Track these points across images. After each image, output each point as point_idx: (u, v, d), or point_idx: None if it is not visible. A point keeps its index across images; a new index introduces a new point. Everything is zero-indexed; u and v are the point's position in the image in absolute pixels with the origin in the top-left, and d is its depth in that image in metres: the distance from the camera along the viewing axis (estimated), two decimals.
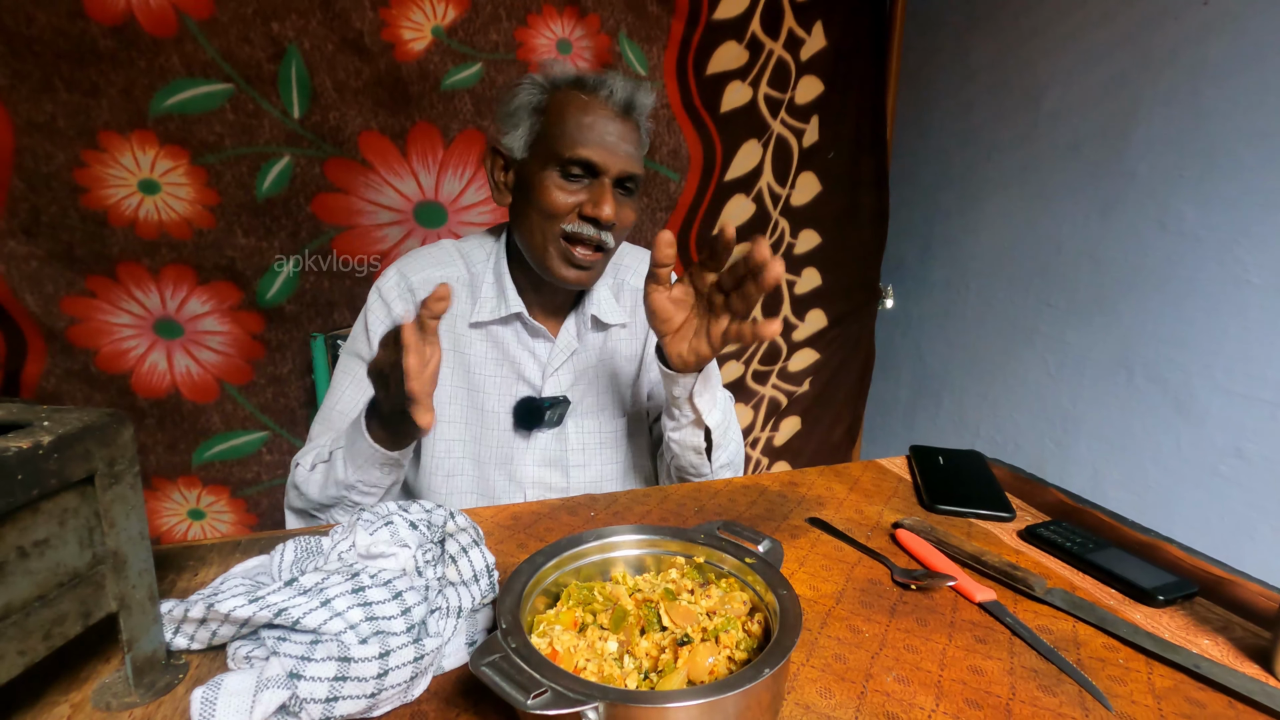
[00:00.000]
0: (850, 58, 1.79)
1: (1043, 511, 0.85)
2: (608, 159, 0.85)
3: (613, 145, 0.85)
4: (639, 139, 0.89)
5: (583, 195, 0.86)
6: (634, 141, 0.88)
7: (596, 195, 0.85)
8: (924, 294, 2.03)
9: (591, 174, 0.86)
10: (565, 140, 0.85)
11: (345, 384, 0.94)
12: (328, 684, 0.43)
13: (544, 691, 0.39)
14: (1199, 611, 0.64)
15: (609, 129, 0.85)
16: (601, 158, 0.85)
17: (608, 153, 0.85)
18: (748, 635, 0.50)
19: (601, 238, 0.87)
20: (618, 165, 0.85)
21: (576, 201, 0.86)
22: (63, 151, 1.20)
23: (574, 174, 0.86)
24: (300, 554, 0.59)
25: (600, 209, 0.84)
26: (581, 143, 0.84)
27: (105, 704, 0.46)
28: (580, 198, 0.86)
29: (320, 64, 1.32)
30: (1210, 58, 1.27)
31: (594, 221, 0.86)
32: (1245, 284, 1.23)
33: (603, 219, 0.85)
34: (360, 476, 0.79)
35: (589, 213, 0.85)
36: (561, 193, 0.86)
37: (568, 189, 0.86)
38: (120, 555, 0.44)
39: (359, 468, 0.79)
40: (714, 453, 0.90)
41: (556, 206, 0.86)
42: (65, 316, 1.27)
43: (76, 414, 0.43)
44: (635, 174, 0.88)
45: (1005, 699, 0.51)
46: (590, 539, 0.57)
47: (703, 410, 0.85)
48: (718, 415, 0.87)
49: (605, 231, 0.87)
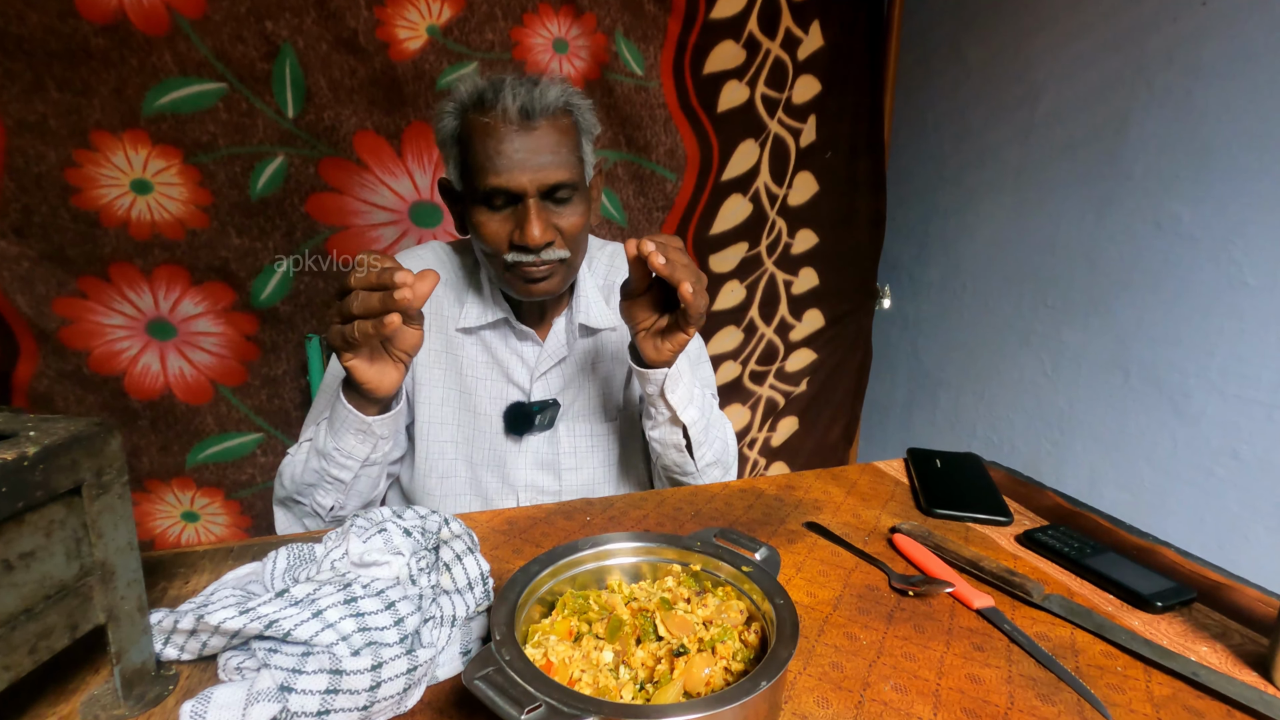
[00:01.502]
0: (848, 57, 1.79)
1: (1040, 515, 0.85)
2: (520, 180, 0.81)
3: (522, 162, 0.81)
4: (559, 140, 0.83)
5: (511, 222, 0.84)
6: (550, 148, 0.82)
7: (521, 219, 0.83)
8: (921, 294, 2.03)
9: (513, 199, 0.83)
10: (479, 171, 0.82)
11: (336, 385, 0.93)
12: (319, 697, 0.42)
13: (538, 706, 0.38)
14: (1197, 617, 0.64)
15: (514, 146, 0.80)
16: (513, 182, 0.81)
17: (518, 173, 0.81)
18: (744, 645, 0.50)
19: (543, 258, 0.84)
20: (534, 182, 0.81)
21: (508, 230, 0.84)
22: (54, 151, 1.19)
23: (497, 204, 0.83)
24: (293, 561, 0.59)
25: (527, 234, 0.82)
26: (491, 170, 0.81)
27: (94, 716, 0.45)
28: (509, 225, 0.84)
29: (314, 63, 1.31)
30: (1206, 59, 1.27)
31: (526, 248, 0.83)
32: (1241, 285, 1.23)
33: (531, 244, 0.82)
34: (337, 444, 0.80)
35: (518, 240, 0.83)
36: (490, 224, 0.84)
37: (495, 219, 0.84)
38: (108, 566, 0.44)
39: (336, 433, 0.80)
40: (696, 450, 0.90)
41: (490, 241, 0.85)
42: (57, 318, 1.26)
43: (63, 423, 0.43)
44: (561, 181, 0.83)
45: (1003, 708, 0.51)
46: (585, 546, 0.56)
47: (676, 406, 0.85)
48: (694, 412, 0.87)
49: (545, 251, 0.84)
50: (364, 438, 0.80)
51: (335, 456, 0.81)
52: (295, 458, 0.86)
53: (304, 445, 0.87)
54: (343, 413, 0.78)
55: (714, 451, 0.93)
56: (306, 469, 0.83)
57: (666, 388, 0.83)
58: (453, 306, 0.97)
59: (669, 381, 0.83)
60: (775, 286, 1.89)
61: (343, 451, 0.80)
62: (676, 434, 0.88)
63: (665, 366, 0.83)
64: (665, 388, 0.83)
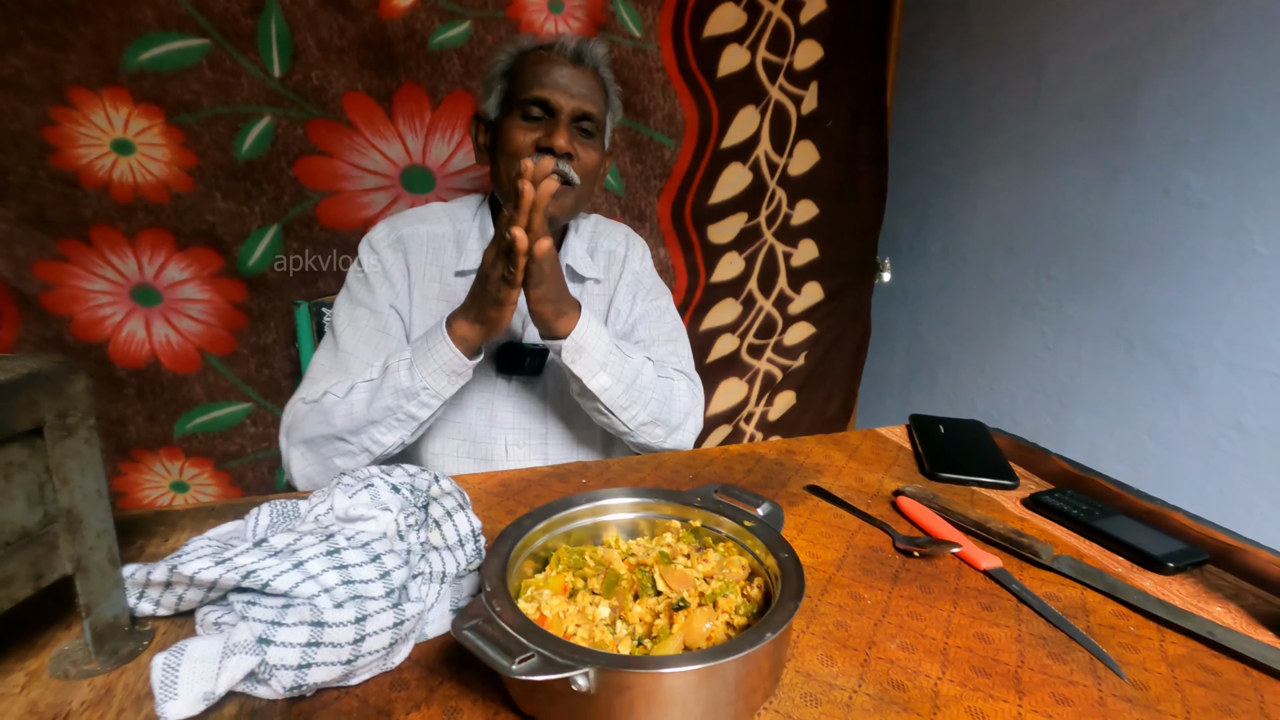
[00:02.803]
0: (851, 23, 1.74)
1: (1046, 480, 0.83)
2: (559, 98, 0.92)
3: (565, 86, 0.92)
4: (596, 87, 0.96)
5: (539, 131, 0.92)
6: (588, 86, 0.94)
7: (550, 129, 0.91)
8: (921, 267, 2.00)
9: (548, 112, 0.92)
10: (525, 86, 0.93)
11: (345, 327, 0.94)
12: (300, 650, 0.40)
13: (530, 656, 0.36)
14: (1209, 579, 0.62)
15: (562, 73, 0.92)
16: (554, 97, 0.91)
17: (559, 91, 0.92)
18: (747, 600, 0.48)
19: (561, 167, 0.90)
20: (570, 104, 0.92)
21: (535, 138, 0.92)
22: (30, 108, 1.15)
23: (533, 115, 0.92)
24: (276, 518, 0.57)
25: (554, 139, 0.90)
26: (537, 85, 0.92)
27: (63, 672, 0.43)
28: (538, 134, 0.92)
29: (301, 20, 1.26)
30: (1219, 22, 1.23)
31: (550, 151, 0.91)
32: (1251, 253, 1.21)
33: (556, 148, 0.90)
34: (427, 382, 0.82)
35: (544, 143, 0.91)
36: (520, 131, 0.92)
37: (526, 128, 0.92)
38: (75, 514, 0.41)
39: (431, 373, 0.82)
40: (620, 413, 0.91)
41: (516, 144, 0.92)
42: (38, 282, 1.23)
43: (23, 361, 0.40)
44: (590, 113, 0.94)
45: (1014, 666, 0.49)
46: (581, 502, 0.54)
47: (581, 375, 0.86)
48: (604, 379, 0.88)
49: (562, 161, 0.91)
50: (456, 378, 0.84)
51: (422, 395, 0.83)
52: (350, 398, 0.85)
53: (357, 386, 0.85)
54: (445, 354, 0.82)
55: (648, 411, 0.93)
56: (374, 408, 0.83)
57: (565, 357, 0.85)
58: (451, 254, 1.00)
59: (566, 352, 0.85)
60: (774, 259, 1.86)
61: (430, 390, 0.83)
62: (592, 400, 0.90)
63: (561, 336, 0.84)
64: (564, 357, 0.85)
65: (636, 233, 1.16)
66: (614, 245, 1.10)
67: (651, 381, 0.94)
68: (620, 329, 1.08)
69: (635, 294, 1.09)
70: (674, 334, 1.11)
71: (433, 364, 0.82)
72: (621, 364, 0.89)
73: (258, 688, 0.41)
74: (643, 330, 1.08)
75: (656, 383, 0.95)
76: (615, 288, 1.08)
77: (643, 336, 1.07)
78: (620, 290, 1.08)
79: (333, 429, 0.85)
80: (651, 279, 1.13)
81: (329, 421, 0.85)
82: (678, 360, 1.07)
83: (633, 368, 0.91)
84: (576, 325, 0.84)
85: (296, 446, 0.88)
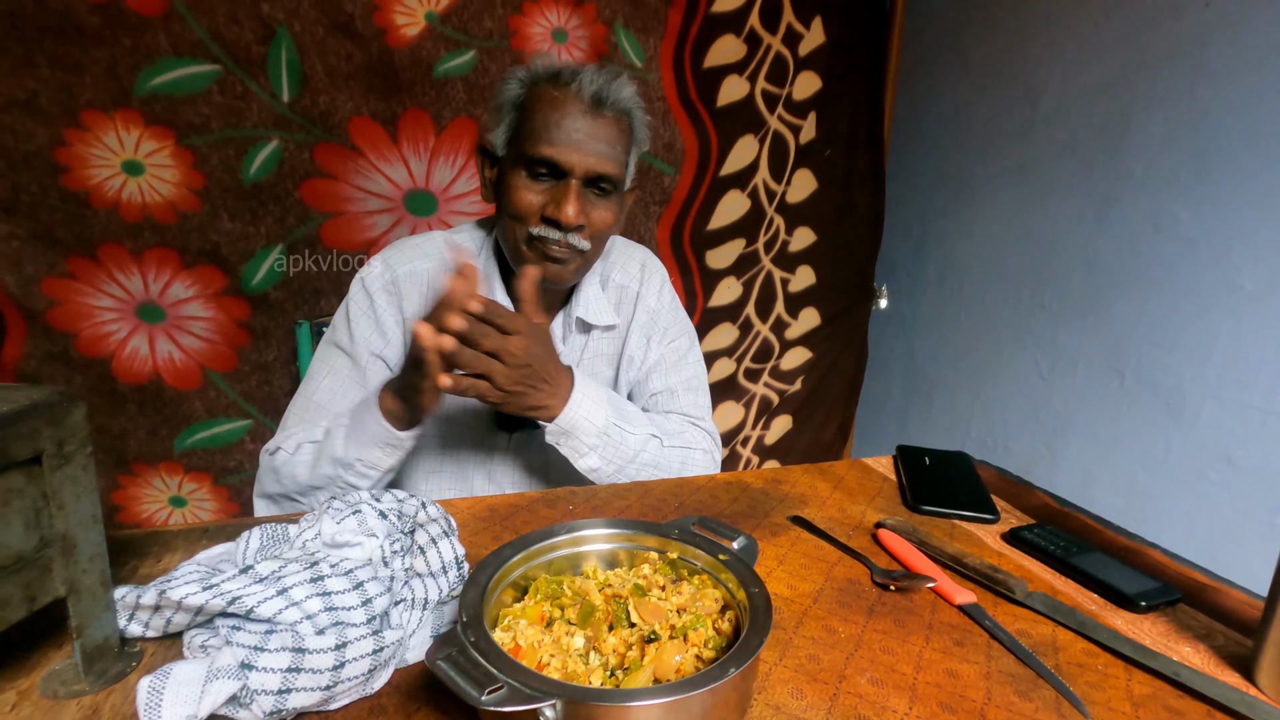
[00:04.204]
0: (849, 54, 1.78)
1: (1028, 514, 0.84)
2: (571, 158, 0.80)
3: (579, 143, 0.80)
4: (616, 136, 0.84)
5: (547, 196, 0.82)
6: (608, 139, 0.82)
7: (559, 196, 0.81)
8: (917, 293, 2.02)
9: (557, 174, 0.82)
10: (532, 138, 0.81)
11: (323, 374, 0.91)
12: (280, 675, 0.42)
13: (500, 688, 0.37)
14: (1181, 618, 0.63)
15: (577, 125, 0.80)
16: (565, 157, 0.80)
17: (572, 151, 0.80)
18: (717, 634, 0.49)
19: (569, 241, 0.83)
20: (584, 165, 0.81)
21: (542, 203, 0.82)
22: (44, 129, 1.18)
23: (540, 174, 0.82)
24: (266, 541, 0.58)
25: (562, 210, 0.80)
26: (546, 140, 0.80)
27: (53, 692, 0.45)
28: (545, 199, 0.82)
29: (310, 47, 1.30)
30: (1209, 59, 1.26)
31: (556, 224, 0.82)
32: (1238, 288, 1.22)
33: (563, 221, 0.81)
34: (361, 454, 0.78)
35: (550, 214, 0.82)
36: (527, 193, 0.82)
37: (533, 189, 0.82)
38: (70, 539, 0.43)
39: (362, 445, 0.78)
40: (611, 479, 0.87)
41: (521, 208, 0.83)
42: (45, 298, 1.26)
43: (25, 391, 0.42)
44: (607, 174, 0.83)
45: (980, 703, 0.50)
46: (561, 532, 0.55)
47: (568, 456, 0.84)
48: (593, 460, 0.84)
49: (572, 234, 0.83)
50: (391, 450, 0.79)
51: (357, 467, 0.79)
52: (295, 459, 0.83)
53: (305, 447, 0.83)
54: (375, 428, 0.77)
55: (644, 476, 0.89)
56: (315, 474, 0.81)
57: (549, 438, 0.82)
58: None
59: (550, 435, 0.82)
60: (772, 284, 1.88)
61: (365, 462, 0.79)
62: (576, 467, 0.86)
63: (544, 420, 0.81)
64: (548, 438, 0.82)
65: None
66: (627, 279, 1.00)
67: (654, 458, 0.89)
68: (634, 376, 1.02)
69: (650, 336, 1.01)
70: (693, 382, 1.04)
71: (364, 436, 0.78)
72: (618, 444, 0.84)
73: (239, 712, 0.42)
74: (658, 380, 1.01)
75: (662, 455, 0.90)
76: (628, 331, 0.99)
77: (658, 387, 1.01)
78: (633, 334, 0.99)
79: (282, 488, 0.84)
80: (670, 316, 1.03)
81: (279, 480, 0.84)
82: (698, 412, 1.01)
83: (631, 447, 0.85)
84: (564, 409, 0.80)
85: (259, 499, 0.87)
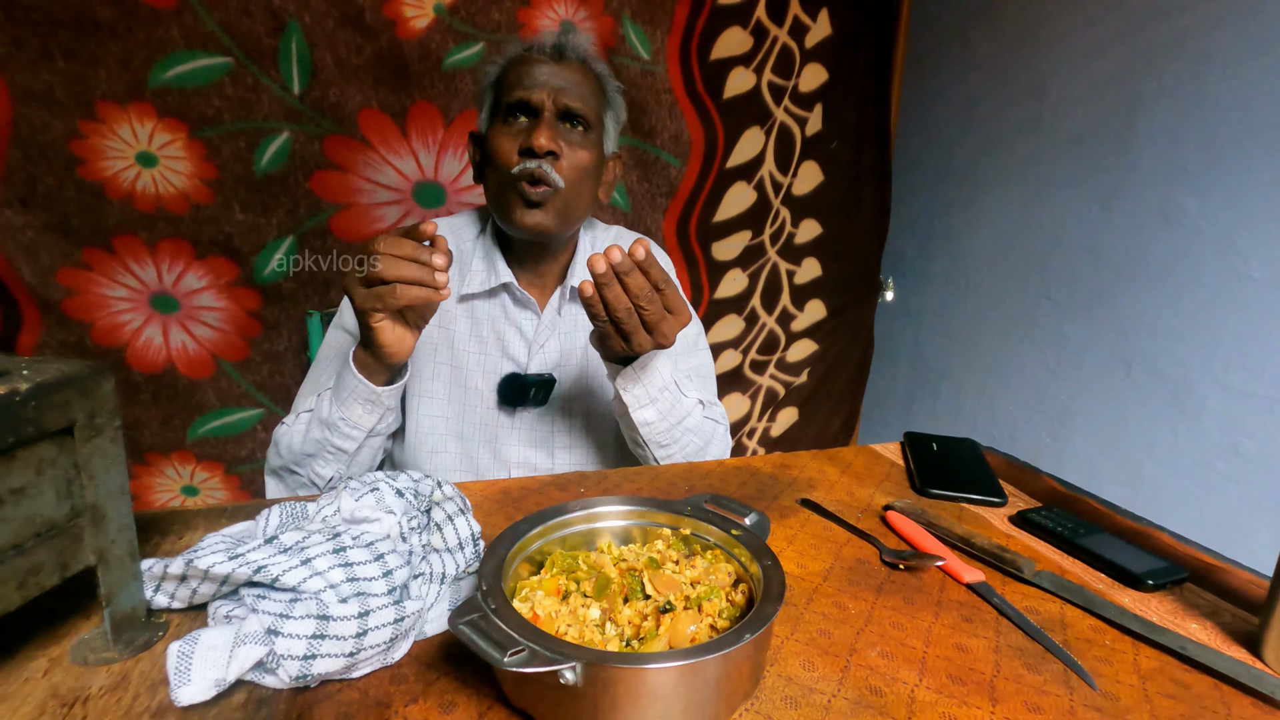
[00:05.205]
0: (855, 46, 1.78)
1: (1035, 499, 0.85)
2: (540, 95, 0.87)
3: (544, 81, 0.87)
4: (582, 79, 0.90)
5: (523, 137, 0.87)
6: (571, 80, 0.89)
7: (532, 128, 0.86)
8: (923, 286, 2.03)
9: (531, 114, 0.88)
10: (505, 92, 0.89)
11: (330, 357, 0.94)
12: (305, 641, 0.43)
13: (521, 650, 0.38)
14: (1188, 597, 0.64)
15: (541, 70, 0.88)
16: (533, 95, 0.87)
17: (539, 89, 0.87)
18: (731, 605, 0.50)
19: (543, 169, 0.85)
20: (551, 96, 0.87)
21: (518, 144, 0.87)
22: (60, 121, 1.20)
23: (516, 120, 0.88)
24: (285, 519, 0.59)
25: (534, 138, 0.84)
26: (518, 87, 0.88)
27: (83, 659, 0.46)
28: (521, 139, 0.87)
29: (321, 39, 1.31)
30: (1215, 50, 1.26)
31: (530, 153, 0.85)
32: (1246, 278, 1.22)
33: (536, 147, 0.84)
34: (343, 413, 0.80)
35: (524, 145, 0.86)
36: (504, 138, 0.88)
37: (509, 133, 0.88)
38: (99, 509, 0.44)
39: (343, 403, 0.80)
40: (655, 449, 0.88)
41: (501, 154, 0.88)
42: (61, 288, 1.27)
43: (57, 364, 0.43)
44: (575, 109, 0.88)
45: (989, 676, 0.51)
46: (576, 508, 0.56)
47: (629, 404, 0.83)
48: (650, 412, 0.84)
49: (544, 160, 0.86)
50: (371, 407, 0.80)
51: (340, 426, 0.80)
52: (293, 428, 0.86)
53: (302, 415, 0.86)
54: (351, 382, 0.78)
55: (684, 454, 0.90)
56: (307, 439, 0.83)
57: (622, 385, 0.82)
58: (453, 279, 0.96)
59: (622, 379, 0.82)
60: (778, 276, 1.89)
61: (348, 421, 0.80)
62: (632, 429, 0.86)
63: (622, 361, 0.81)
64: (618, 383, 0.82)
65: None
66: None
67: (697, 424, 0.90)
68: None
69: None
70: (703, 370, 1.05)
71: (345, 392, 0.79)
72: (674, 401, 0.85)
73: (265, 677, 0.44)
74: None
75: (701, 424, 0.91)
76: None
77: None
78: None
79: (282, 460, 0.85)
80: None
81: (279, 452, 0.85)
82: (710, 398, 1.02)
83: (684, 408, 0.87)
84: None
85: (269, 476, 0.89)
